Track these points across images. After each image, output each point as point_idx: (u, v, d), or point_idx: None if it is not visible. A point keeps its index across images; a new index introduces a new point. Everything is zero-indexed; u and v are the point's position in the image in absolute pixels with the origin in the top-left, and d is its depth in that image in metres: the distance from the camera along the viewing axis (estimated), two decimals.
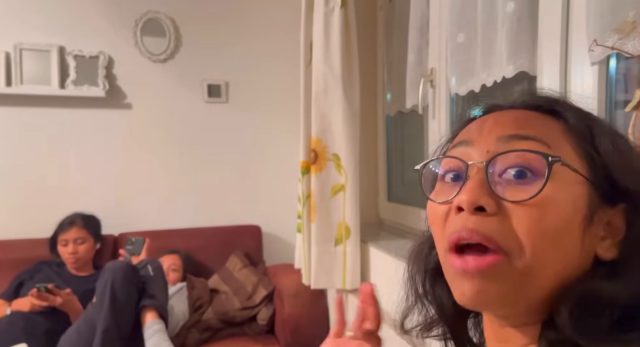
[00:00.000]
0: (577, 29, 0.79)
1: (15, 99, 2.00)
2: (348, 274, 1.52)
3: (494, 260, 0.33)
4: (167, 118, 2.19)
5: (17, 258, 1.85)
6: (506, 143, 0.35)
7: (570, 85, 0.81)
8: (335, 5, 1.48)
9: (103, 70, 2.06)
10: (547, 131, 0.36)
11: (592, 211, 0.35)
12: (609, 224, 0.37)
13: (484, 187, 0.34)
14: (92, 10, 2.07)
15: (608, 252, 0.36)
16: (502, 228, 0.34)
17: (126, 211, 2.13)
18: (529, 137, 0.35)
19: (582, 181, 0.35)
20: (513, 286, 0.34)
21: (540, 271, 0.34)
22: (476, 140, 0.37)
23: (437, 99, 1.29)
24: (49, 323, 1.60)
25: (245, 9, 2.25)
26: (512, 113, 0.38)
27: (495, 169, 0.35)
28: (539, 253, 0.33)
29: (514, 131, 0.36)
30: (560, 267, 0.34)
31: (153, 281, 1.64)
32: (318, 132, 1.54)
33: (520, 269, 0.34)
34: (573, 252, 0.35)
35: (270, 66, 2.27)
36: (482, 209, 0.34)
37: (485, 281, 0.34)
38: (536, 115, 0.38)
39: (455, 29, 1.13)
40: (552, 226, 0.33)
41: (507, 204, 0.34)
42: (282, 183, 2.26)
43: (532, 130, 0.36)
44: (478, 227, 0.34)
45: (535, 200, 0.33)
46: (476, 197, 0.34)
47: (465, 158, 0.37)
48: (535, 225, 0.33)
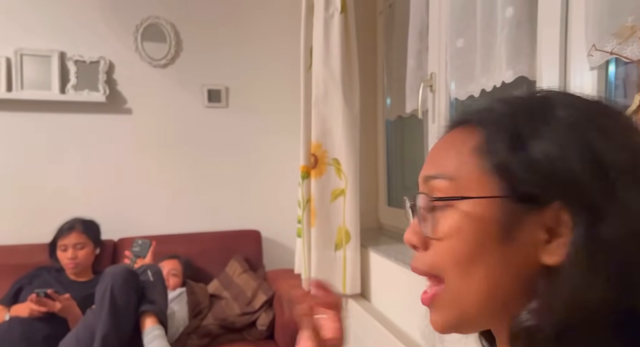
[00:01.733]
0: (576, 33, 0.79)
1: (16, 104, 2.00)
2: (348, 279, 1.52)
3: (433, 292, 0.39)
4: (168, 123, 2.19)
5: (16, 263, 1.85)
6: (424, 184, 0.40)
7: (569, 89, 0.81)
8: (335, 10, 1.48)
9: (103, 76, 2.07)
10: (456, 159, 0.38)
11: (511, 225, 0.35)
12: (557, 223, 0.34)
13: (415, 226, 0.40)
14: (92, 16, 2.08)
15: (554, 256, 0.34)
16: (430, 260, 0.39)
17: (126, 216, 2.12)
18: (435, 176, 0.39)
19: (488, 201, 0.35)
20: (453, 312, 0.38)
21: (466, 294, 0.37)
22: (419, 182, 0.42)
23: (437, 104, 1.29)
24: (48, 329, 1.59)
25: (245, 14, 2.26)
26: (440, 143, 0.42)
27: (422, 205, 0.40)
28: (460, 279, 0.37)
29: (427, 171, 0.40)
30: (485, 286, 0.36)
31: (152, 286, 1.63)
32: (318, 137, 1.54)
33: (450, 296, 0.38)
34: (496, 270, 0.36)
35: (270, 71, 2.28)
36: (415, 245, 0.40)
37: (433, 312, 0.40)
38: (454, 140, 0.40)
39: (455, 34, 1.13)
40: (462, 254, 0.36)
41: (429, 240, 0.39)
42: (282, 188, 2.26)
43: (441, 165, 0.39)
44: (415, 264, 0.40)
45: (442, 233, 0.37)
46: (409, 238, 0.40)
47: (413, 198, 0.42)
48: (448, 255, 0.37)
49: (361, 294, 1.56)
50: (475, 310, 0.37)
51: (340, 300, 0.60)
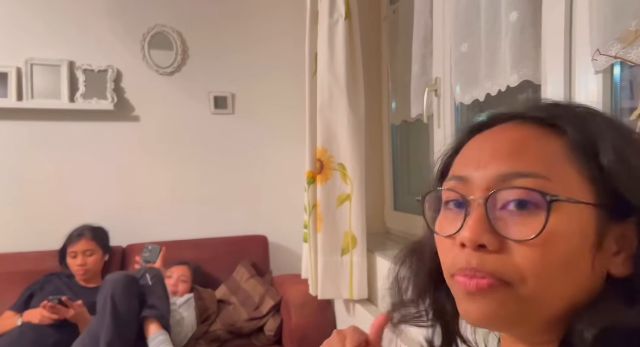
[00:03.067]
0: (580, 37, 0.79)
1: (26, 113, 2.03)
2: (355, 284, 1.51)
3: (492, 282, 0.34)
4: (175, 130, 2.22)
5: (27, 270, 1.87)
6: (504, 181, 0.35)
7: (574, 93, 0.81)
8: (339, 16, 1.50)
9: (111, 84, 2.09)
10: (546, 158, 0.35)
11: (602, 233, 0.34)
12: (622, 238, 0.35)
13: (485, 224, 0.35)
14: (100, 26, 2.11)
15: (622, 267, 0.35)
16: (505, 265, 0.34)
17: (134, 222, 2.14)
18: (527, 174, 0.34)
19: (588, 207, 0.34)
20: (515, 310, 0.34)
21: (546, 298, 0.34)
22: (474, 177, 0.37)
23: (442, 108, 1.29)
24: (58, 335, 1.61)
25: (250, 22, 2.28)
26: (508, 138, 0.37)
27: (495, 203, 0.35)
28: (545, 285, 0.33)
29: (511, 168, 0.35)
30: (569, 293, 0.34)
31: (152, 290, 1.64)
32: (323, 142, 1.55)
33: (523, 297, 0.34)
34: (583, 278, 0.34)
35: (276, 77, 2.30)
36: (484, 245, 0.34)
37: (487, 301, 0.34)
38: (535, 137, 0.37)
39: (459, 39, 1.14)
40: (558, 260, 0.33)
41: (510, 241, 0.34)
42: (288, 193, 2.26)
43: (530, 162, 0.35)
44: (480, 266, 0.34)
45: (541, 237, 0.33)
46: (478, 236, 0.34)
47: (465, 192, 0.37)
48: (539, 261, 0.33)
49: (368, 299, 1.56)
50: (539, 315, 0.34)
51: None
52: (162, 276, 1.73)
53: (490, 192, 0.35)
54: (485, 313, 0.35)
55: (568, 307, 0.34)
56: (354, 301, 1.57)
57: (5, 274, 1.87)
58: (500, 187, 0.35)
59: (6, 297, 1.77)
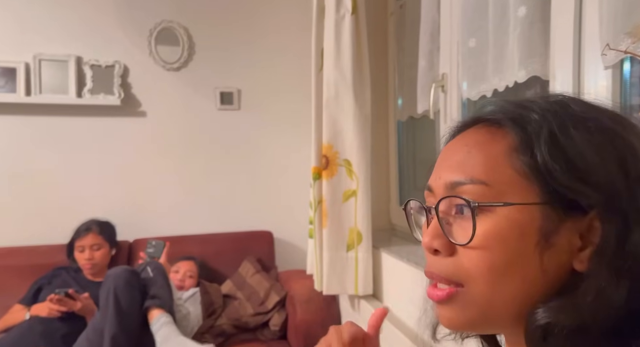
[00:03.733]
0: (590, 32, 0.78)
1: (34, 108, 2.05)
2: (360, 280, 1.52)
3: (449, 291, 0.37)
4: (181, 125, 2.22)
5: (36, 264, 1.89)
6: (451, 189, 0.38)
7: (583, 89, 0.81)
8: (346, 12, 1.49)
9: (118, 79, 2.10)
10: (488, 164, 0.36)
11: (550, 231, 0.34)
12: (590, 231, 0.35)
13: (437, 229, 0.38)
14: (107, 21, 2.12)
15: (585, 262, 0.34)
16: (455, 267, 0.37)
17: (140, 217, 2.16)
18: (467, 182, 0.37)
19: (528, 207, 0.34)
20: (473, 313, 0.37)
21: (499, 297, 0.36)
22: (434, 186, 0.40)
23: (449, 104, 1.29)
24: (66, 328, 1.63)
25: (257, 17, 2.27)
26: (461, 147, 0.39)
27: (449, 209, 0.38)
28: (491, 286, 0.35)
29: (456, 177, 0.38)
30: (519, 292, 0.35)
31: (153, 281, 1.66)
32: (329, 138, 1.54)
33: (476, 299, 0.36)
34: (534, 276, 0.35)
35: (282, 73, 2.29)
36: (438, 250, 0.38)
37: (448, 309, 0.38)
38: (482, 142, 0.38)
39: (467, 34, 1.13)
40: (499, 261, 0.35)
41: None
42: (293, 189, 2.27)
43: (472, 170, 0.37)
44: (434, 269, 0.38)
45: (477, 241, 0.35)
46: (431, 241, 0.38)
47: (428, 201, 0.41)
48: (481, 263, 0.35)
49: (373, 295, 1.56)
50: (499, 314, 0.36)
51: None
52: (163, 267, 1.74)
53: (438, 200, 0.38)
54: (451, 319, 0.38)
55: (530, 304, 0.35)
56: (359, 297, 1.58)
57: (14, 267, 1.89)
58: (446, 196, 0.38)
59: (15, 291, 1.79)
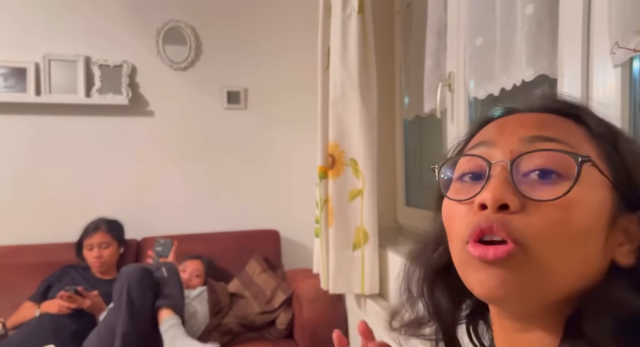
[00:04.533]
0: (598, 30, 0.78)
1: (44, 107, 2.07)
2: (367, 279, 1.52)
3: (511, 249, 0.33)
4: (188, 124, 2.24)
5: (45, 262, 1.92)
6: (530, 144, 0.35)
7: (592, 87, 0.80)
8: (352, 10, 1.49)
9: (126, 79, 2.12)
10: (570, 133, 0.36)
11: (615, 215, 0.35)
12: (627, 231, 0.36)
13: (508, 186, 0.34)
14: (116, 22, 2.14)
15: (626, 258, 0.36)
16: (526, 226, 0.33)
17: (148, 216, 2.17)
18: (553, 139, 0.34)
19: (607, 184, 0.35)
20: (531, 279, 0.33)
21: (559, 268, 0.33)
22: (498, 141, 0.36)
23: (456, 103, 1.28)
24: (75, 325, 1.65)
25: (263, 17, 2.28)
26: (533, 115, 0.38)
27: (519, 168, 0.35)
28: (560, 252, 0.33)
29: (537, 132, 0.35)
30: (579, 268, 0.34)
31: (167, 281, 1.68)
32: (335, 137, 1.54)
33: (540, 264, 0.33)
34: (594, 255, 0.35)
35: (288, 72, 2.30)
36: (505, 207, 0.34)
37: (504, 270, 0.33)
38: (557, 118, 0.38)
39: (474, 33, 1.12)
40: (576, 227, 0.33)
41: (531, 204, 0.33)
42: (300, 188, 2.27)
43: (555, 131, 0.35)
44: (499, 221, 0.33)
45: (561, 201, 0.33)
46: (501, 195, 0.33)
47: (487, 157, 0.36)
48: (559, 225, 0.33)
49: (379, 294, 1.56)
50: (555, 288, 0.34)
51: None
52: (177, 269, 1.76)
53: (517, 155, 0.34)
54: (501, 282, 0.33)
55: (576, 287, 0.34)
56: (365, 296, 1.58)
57: (24, 265, 1.92)
58: (527, 150, 0.34)
59: (25, 288, 1.81)
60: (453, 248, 0.38)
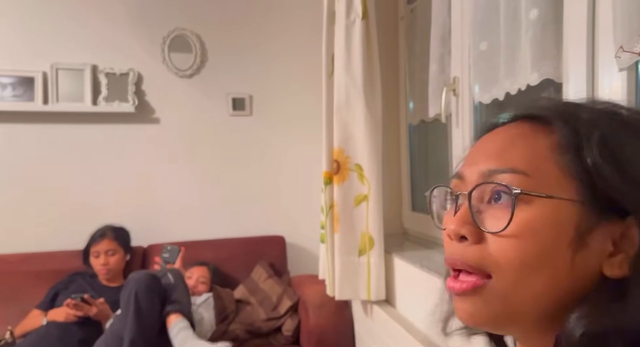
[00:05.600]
0: (603, 34, 0.77)
1: (51, 116, 2.10)
2: (373, 285, 1.51)
3: (475, 283, 0.36)
4: (194, 131, 2.25)
5: (52, 269, 1.93)
6: (488, 177, 0.37)
7: (597, 91, 0.79)
8: (356, 17, 1.49)
9: (132, 87, 2.14)
10: (530, 156, 0.36)
11: (585, 231, 0.34)
12: (624, 237, 0.35)
13: (467, 216, 0.37)
14: (122, 30, 2.16)
15: (617, 269, 0.34)
16: (482, 256, 0.36)
17: (154, 223, 2.18)
18: (506, 171, 0.36)
19: (565, 203, 0.34)
20: (497, 308, 0.36)
21: (525, 293, 0.35)
22: (466, 174, 0.40)
23: (461, 108, 1.28)
24: (82, 333, 1.65)
25: (267, 24, 2.30)
26: (500, 137, 0.39)
27: (482, 197, 0.38)
28: (519, 279, 0.34)
29: (495, 165, 0.37)
30: (546, 290, 0.35)
31: (174, 287, 1.68)
32: (340, 143, 1.55)
33: (501, 293, 0.35)
34: (561, 275, 0.34)
35: (293, 79, 2.31)
36: (465, 237, 0.37)
37: (470, 302, 0.37)
38: (524, 135, 0.38)
39: (478, 37, 1.12)
40: (530, 253, 0.34)
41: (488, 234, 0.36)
42: (305, 194, 2.27)
43: (513, 160, 0.36)
44: (460, 256, 0.37)
45: (511, 230, 0.34)
46: (458, 228, 0.37)
47: (456, 189, 0.40)
48: (512, 252, 0.34)
49: (386, 301, 1.55)
50: (523, 311, 0.35)
51: None
52: (183, 275, 1.76)
53: (475, 185, 0.37)
54: (473, 313, 0.37)
55: (554, 306, 0.35)
56: (371, 302, 1.57)
57: (31, 273, 1.92)
58: (482, 182, 0.37)
59: (32, 296, 1.82)
60: None
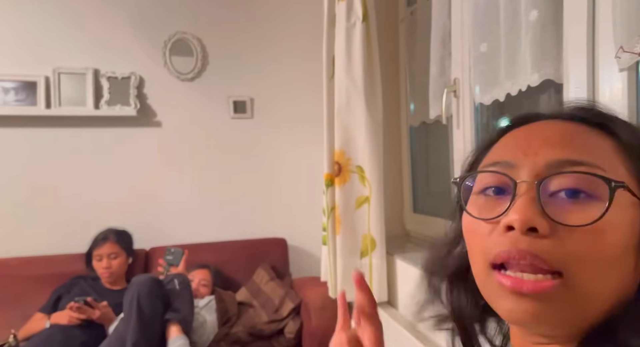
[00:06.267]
0: (603, 34, 0.78)
1: (54, 120, 2.10)
2: (375, 287, 1.51)
3: (552, 285, 0.32)
4: (195, 134, 2.26)
5: (55, 273, 1.93)
6: (557, 169, 0.34)
7: (598, 92, 0.79)
8: (356, 19, 1.50)
9: (134, 90, 2.15)
10: (599, 151, 0.34)
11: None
12: None
13: (536, 207, 0.33)
14: (123, 34, 2.17)
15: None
16: (557, 251, 0.32)
17: (156, 226, 2.19)
18: (583, 163, 0.33)
19: (638, 203, 0.34)
20: (569, 310, 0.33)
21: (598, 295, 0.33)
22: (522, 163, 0.35)
23: (461, 109, 1.28)
24: (85, 335, 1.65)
25: (268, 27, 2.30)
26: (558, 128, 0.36)
27: (547, 188, 0.34)
28: (598, 278, 0.32)
29: (564, 155, 0.34)
30: (615, 292, 0.34)
31: (178, 294, 1.68)
32: (341, 145, 1.55)
33: (579, 294, 0.32)
34: (627, 277, 0.34)
35: (294, 81, 2.31)
36: (533, 229, 0.32)
37: (541, 304, 0.33)
38: (584, 131, 0.36)
39: (478, 39, 1.12)
40: (611, 252, 0.32)
41: (562, 228, 0.32)
42: (307, 196, 2.27)
43: (584, 152, 0.34)
44: (531, 249, 0.32)
45: (597, 224, 0.32)
46: (529, 217, 0.32)
47: (513, 176, 0.35)
48: (592, 250, 0.32)
49: (388, 302, 1.55)
50: (594, 313, 0.33)
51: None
52: (189, 283, 1.76)
53: (544, 177, 0.33)
54: (533, 314, 0.33)
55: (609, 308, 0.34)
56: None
57: (34, 277, 1.93)
58: (554, 173, 0.33)
59: (35, 300, 1.83)
60: (474, 265, 0.37)
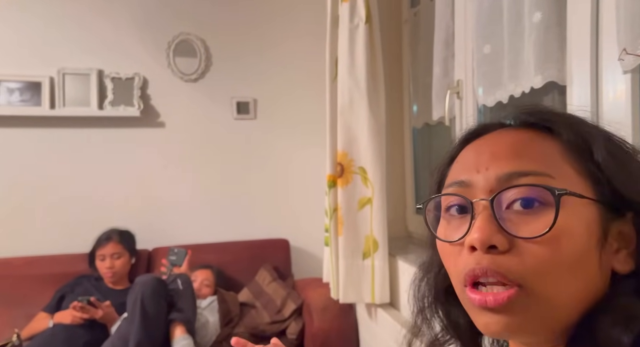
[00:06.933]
0: (607, 36, 0.77)
1: (58, 120, 2.11)
2: (377, 289, 1.51)
3: (511, 294, 0.33)
4: (198, 135, 2.26)
5: (58, 273, 1.94)
6: (507, 181, 0.35)
7: (601, 94, 0.79)
8: (359, 21, 1.50)
9: (138, 91, 2.16)
10: (547, 157, 0.35)
11: (606, 230, 0.35)
12: (620, 234, 0.36)
13: (493, 224, 0.34)
14: (127, 35, 2.18)
15: (625, 264, 0.35)
16: (517, 264, 0.33)
17: (159, 226, 2.19)
18: (530, 173, 0.34)
19: (590, 202, 0.34)
20: (535, 317, 0.34)
21: (562, 299, 0.34)
22: (476, 180, 0.36)
23: (464, 111, 1.28)
24: (88, 335, 1.66)
25: (272, 28, 2.31)
26: (506, 140, 0.38)
27: (500, 204, 0.35)
28: (560, 284, 0.33)
29: (513, 168, 0.35)
30: (582, 293, 0.34)
31: (182, 294, 1.68)
32: (344, 146, 1.55)
33: (542, 301, 0.33)
34: (593, 276, 0.34)
35: (297, 83, 2.32)
36: (494, 246, 0.34)
37: (507, 315, 0.34)
38: (531, 139, 0.37)
39: (481, 40, 1.12)
40: (570, 256, 0.33)
41: (519, 241, 0.33)
42: (309, 197, 2.27)
43: (531, 161, 0.35)
44: (492, 266, 0.34)
45: (551, 233, 0.33)
46: (487, 236, 0.34)
47: (468, 196, 0.36)
48: (550, 258, 0.33)
49: (390, 304, 1.55)
50: (563, 317, 0.34)
51: None
52: (192, 283, 1.77)
53: (496, 193, 0.35)
54: (505, 326, 0.34)
55: (584, 307, 0.34)
56: (375, 305, 1.56)
57: (38, 276, 1.94)
58: (504, 187, 0.35)
59: (38, 299, 1.83)
60: (454, 284, 0.39)
